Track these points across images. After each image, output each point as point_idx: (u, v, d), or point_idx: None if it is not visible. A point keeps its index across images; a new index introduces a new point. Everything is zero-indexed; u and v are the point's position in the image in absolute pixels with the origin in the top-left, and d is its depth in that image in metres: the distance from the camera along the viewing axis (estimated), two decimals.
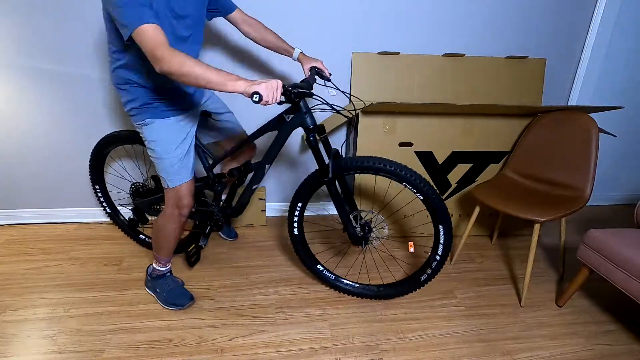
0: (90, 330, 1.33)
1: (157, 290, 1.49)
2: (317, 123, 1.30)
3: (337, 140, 2.16)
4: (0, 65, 1.79)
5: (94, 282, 1.59)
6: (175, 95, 1.27)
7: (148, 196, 1.70)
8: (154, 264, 1.50)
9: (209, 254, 1.83)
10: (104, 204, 1.89)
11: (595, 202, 2.61)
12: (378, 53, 1.94)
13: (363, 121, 1.77)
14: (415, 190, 1.27)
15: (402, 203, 1.95)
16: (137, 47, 1.00)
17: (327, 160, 1.30)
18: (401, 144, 1.84)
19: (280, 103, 1.07)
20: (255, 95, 0.96)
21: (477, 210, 1.67)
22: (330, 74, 1.50)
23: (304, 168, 2.21)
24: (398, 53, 1.94)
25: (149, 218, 1.78)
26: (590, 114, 1.64)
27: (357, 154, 1.82)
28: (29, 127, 1.92)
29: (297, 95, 1.16)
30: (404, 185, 1.27)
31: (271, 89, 0.98)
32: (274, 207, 2.28)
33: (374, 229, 1.44)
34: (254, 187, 1.48)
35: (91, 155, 1.76)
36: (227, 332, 1.34)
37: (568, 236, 2.14)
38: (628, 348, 1.32)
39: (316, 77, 1.42)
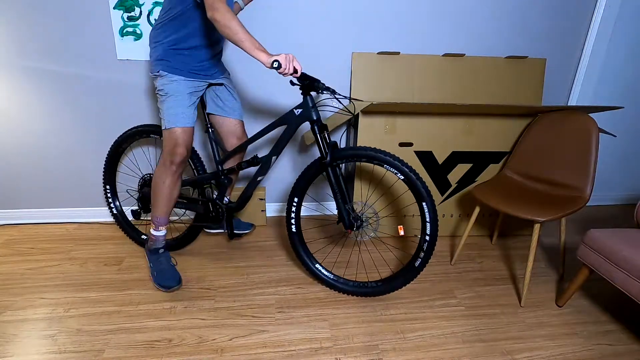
0: (90, 330, 1.32)
1: (151, 264, 1.57)
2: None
3: (337, 140, 2.16)
4: (1, 65, 1.80)
5: (94, 282, 1.59)
6: (191, 61, 1.42)
7: None
8: (151, 229, 1.55)
9: (209, 254, 1.83)
10: (112, 205, 1.91)
11: (595, 202, 2.61)
12: (378, 53, 1.94)
13: (363, 121, 1.77)
14: (395, 171, 1.36)
15: (401, 200, 1.95)
16: (187, 14, 1.32)
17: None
18: (401, 144, 1.84)
19: (292, 84, 1.37)
20: (275, 62, 1.19)
21: (477, 210, 1.67)
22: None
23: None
24: (398, 53, 1.94)
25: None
26: (590, 114, 1.64)
27: None
28: (30, 127, 1.92)
29: (305, 78, 1.34)
30: (385, 167, 1.37)
31: (288, 60, 1.21)
32: (274, 207, 2.29)
33: (365, 222, 1.53)
34: (259, 178, 1.57)
35: (107, 156, 1.85)
36: (227, 332, 1.33)
37: (568, 236, 2.14)
38: (628, 348, 1.32)
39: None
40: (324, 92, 1.41)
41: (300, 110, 1.43)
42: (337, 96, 1.56)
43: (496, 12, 2.00)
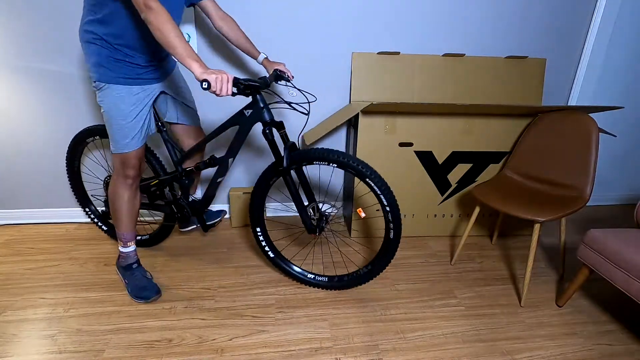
0: (90, 330, 1.32)
1: (125, 280, 1.53)
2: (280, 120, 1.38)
3: (338, 140, 2.16)
4: (0, 65, 1.80)
5: (94, 282, 1.59)
6: (135, 63, 1.27)
7: None
8: (119, 247, 1.52)
9: (209, 254, 1.83)
10: (92, 216, 1.92)
11: (595, 202, 2.61)
12: (378, 53, 1.94)
13: (363, 121, 1.77)
14: (350, 170, 1.33)
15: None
16: (116, 3, 1.11)
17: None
18: (401, 144, 1.84)
19: (233, 94, 1.13)
20: (204, 83, 1.03)
21: (477, 210, 1.67)
22: (292, 77, 1.56)
23: (307, 168, 2.21)
24: (398, 53, 1.94)
25: None
26: (590, 114, 1.64)
27: (357, 154, 1.82)
28: (29, 127, 1.92)
29: (247, 88, 1.22)
30: (332, 166, 1.36)
31: (220, 81, 1.05)
32: (274, 207, 2.28)
33: (330, 217, 1.52)
34: (218, 180, 1.52)
35: (66, 166, 1.80)
36: (227, 332, 1.33)
37: (568, 236, 2.14)
38: (628, 348, 1.32)
39: (278, 79, 1.52)
40: (280, 83, 1.33)
41: (250, 111, 1.36)
42: (289, 85, 1.50)
43: (496, 12, 2.00)
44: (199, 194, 2.12)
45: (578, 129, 1.60)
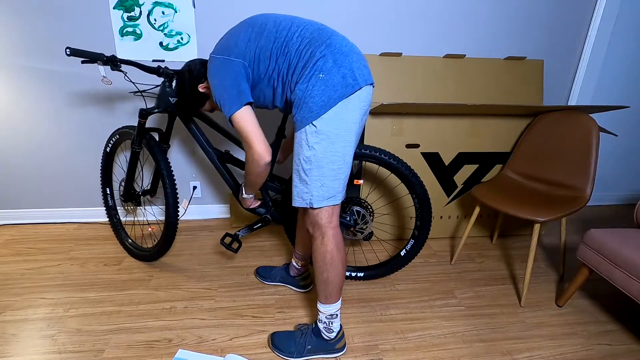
0: (90, 330, 1.32)
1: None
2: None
3: None
4: (0, 65, 1.80)
5: (94, 282, 1.59)
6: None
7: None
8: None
9: (209, 254, 1.83)
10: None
11: (595, 202, 2.61)
12: (380, 54, 1.94)
13: (370, 122, 1.76)
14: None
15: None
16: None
17: None
18: (408, 146, 1.83)
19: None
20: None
21: (477, 210, 1.67)
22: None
23: None
24: (400, 54, 1.93)
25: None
26: (591, 114, 1.63)
27: None
28: (29, 127, 1.92)
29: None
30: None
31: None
32: None
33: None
34: None
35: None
36: (227, 332, 1.33)
37: (568, 236, 2.14)
38: (628, 348, 1.32)
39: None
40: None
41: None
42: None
43: (497, 13, 2.00)
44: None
45: (578, 129, 1.60)
